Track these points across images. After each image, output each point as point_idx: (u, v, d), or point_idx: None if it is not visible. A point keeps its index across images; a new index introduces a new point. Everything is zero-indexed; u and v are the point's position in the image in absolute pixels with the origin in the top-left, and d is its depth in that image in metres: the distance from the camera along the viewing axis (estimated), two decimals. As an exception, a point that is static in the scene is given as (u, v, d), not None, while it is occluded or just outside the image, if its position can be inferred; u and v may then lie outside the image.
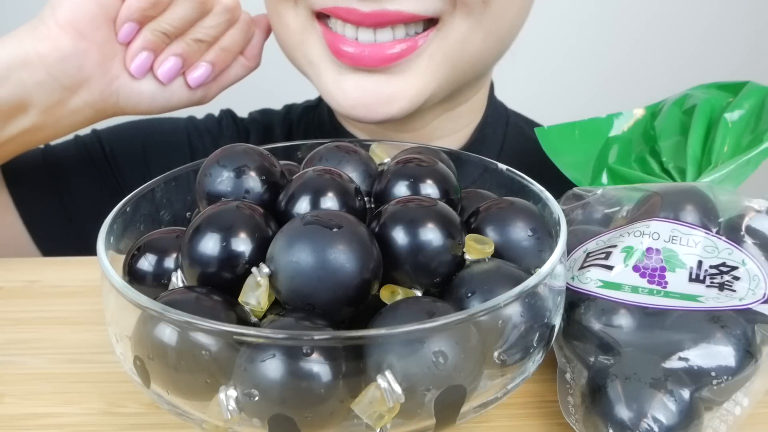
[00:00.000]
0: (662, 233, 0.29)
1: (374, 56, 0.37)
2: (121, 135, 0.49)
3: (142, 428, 0.27)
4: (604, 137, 0.38)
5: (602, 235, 0.30)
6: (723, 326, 0.26)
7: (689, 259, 0.28)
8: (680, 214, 0.29)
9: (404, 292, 0.24)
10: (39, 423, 0.27)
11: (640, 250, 0.29)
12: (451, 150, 0.34)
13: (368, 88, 0.38)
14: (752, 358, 0.25)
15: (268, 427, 0.21)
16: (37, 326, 0.34)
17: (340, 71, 0.39)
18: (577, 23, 1.13)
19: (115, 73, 0.37)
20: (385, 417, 0.20)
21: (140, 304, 0.21)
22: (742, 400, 0.26)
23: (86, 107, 0.37)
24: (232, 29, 0.40)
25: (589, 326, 0.27)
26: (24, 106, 0.35)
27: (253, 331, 0.20)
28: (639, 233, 0.29)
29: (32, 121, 0.36)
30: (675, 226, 0.29)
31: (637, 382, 0.25)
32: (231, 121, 0.54)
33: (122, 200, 0.28)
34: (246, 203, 0.26)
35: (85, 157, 0.48)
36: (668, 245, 0.29)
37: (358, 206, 0.27)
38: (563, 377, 0.28)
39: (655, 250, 0.29)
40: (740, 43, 1.15)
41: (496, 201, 0.28)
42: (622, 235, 0.30)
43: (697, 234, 0.29)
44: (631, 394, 0.24)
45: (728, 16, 1.14)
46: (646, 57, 1.15)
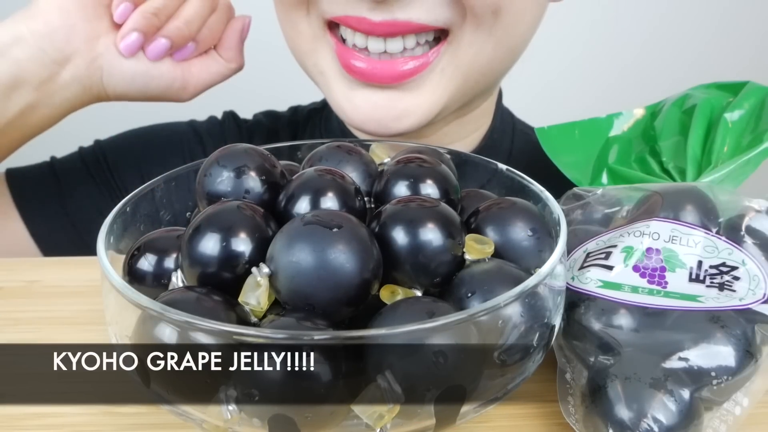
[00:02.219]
0: (662, 233, 0.29)
1: (386, 73, 0.38)
2: (121, 144, 0.52)
3: (142, 428, 0.27)
4: (604, 137, 0.38)
5: (602, 235, 0.30)
6: (723, 326, 0.26)
7: (689, 259, 0.28)
8: (680, 214, 0.29)
9: (404, 292, 0.24)
10: (39, 423, 0.27)
11: (640, 250, 0.29)
12: (451, 150, 0.34)
13: (379, 104, 0.39)
14: (752, 358, 0.25)
15: (268, 427, 0.21)
16: (37, 326, 0.34)
17: (350, 85, 0.40)
18: (581, 26, 1.13)
19: (99, 50, 0.40)
20: (385, 417, 0.20)
21: (140, 304, 0.21)
22: (742, 400, 0.26)
23: (74, 82, 0.40)
24: (214, 13, 0.42)
25: (589, 326, 0.27)
26: (19, 82, 0.38)
27: (253, 331, 0.20)
28: (639, 233, 0.29)
29: (27, 99, 0.39)
30: (675, 226, 0.29)
31: (637, 382, 0.25)
32: (233, 123, 0.54)
33: (122, 200, 0.28)
34: (246, 203, 0.26)
35: (87, 166, 0.50)
36: (668, 245, 0.29)
37: (358, 206, 0.27)
38: (563, 377, 0.28)
39: (655, 250, 0.29)
40: (746, 45, 1.15)
41: (496, 201, 0.28)
42: (622, 235, 0.30)
43: (697, 234, 0.29)
44: (631, 394, 0.24)
45: (733, 17, 1.14)
46: (651, 60, 1.15)
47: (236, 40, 0.44)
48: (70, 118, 0.44)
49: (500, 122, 0.50)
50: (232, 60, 0.44)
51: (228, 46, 0.44)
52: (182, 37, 0.41)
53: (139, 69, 0.41)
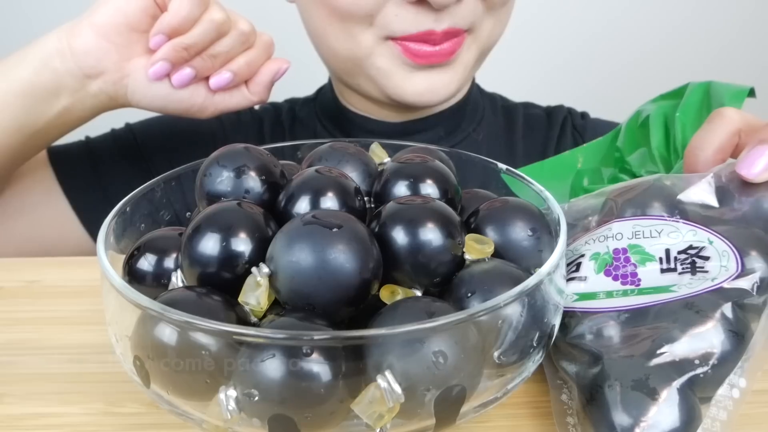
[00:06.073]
0: (624, 232, 0.29)
1: (441, 54, 0.49)
2: (150, 127, 0.59)
3: (142, 428, 0.27)
4: (573, 170, 0.39)
5: (569, 245, 0.31)
6: (698, 311, 0.25)
7: (656, 249, 0.28)
8: (639, 210, 0.30)
9: (404, 292, 0.24)
10: (39, 423, 0.27)
11: (608, 254, 0.29)
12: (451, 150, 0.34)
13: (431, 80, 0.50)
14: (737, 336, 0.25)
15: (268, 427, 0.21)
16: (37, 326, 0.34)
17: (410, 71, 0.50)
18: (579, 22, 1.13)
19: (127, 71, 0.45)
20: (385, 417, 0.20)
21: (140, 304, 0.21)
22: (738, 381, 0.25)
23: (101, 93, 0.46)
24: (252, 49, 0.47)
25: (573, 342, 0.27)
26: (59, 90, 0.45)
27: (253, 331, 0.20)
28: (603, 237, 0.29)
29: (64, 104, 0.45)
30: (635, 221, 0.29)
31: (621, 387, 0.24)
32: (248, 110, 0.61)
33: (122, 200, 0.29)
34: (246, 203, 0.26)
35: (120, 146, 0.57)
36: (633, 241, 0.29)
37: (358, 206, 0.27)
38: (559, 399, 0.27)
39: (622, 250, 0.29)
40: (746, 44, 1.15)
41: (496, 201, 0.28)
42: (587, 242, 0.30)
43: (657, 223, 0.29)
44: (620, 400, 0.24)
45: (734, 17, 1.14)
46: (651, 59, 1.15)
47: (268, 80, 0.48)
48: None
49: (474, 83, 0.62)
50: (256, 95, 0.48)
51: (258, 82, 0.48)
52: (208, 69, 0.45)
53: (161, 92, 0.45)
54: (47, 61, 0.44)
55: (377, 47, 0.49)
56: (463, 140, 0.58)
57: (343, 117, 0.58)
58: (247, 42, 0.47)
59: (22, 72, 0.44)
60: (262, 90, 0.48)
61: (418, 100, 0.51)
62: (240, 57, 0.46)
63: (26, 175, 0.53)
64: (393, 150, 0.34)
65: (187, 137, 0.58)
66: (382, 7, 0.47)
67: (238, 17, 0.47)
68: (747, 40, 1.14)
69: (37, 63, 0.44)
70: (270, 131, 0.60)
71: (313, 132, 0.60)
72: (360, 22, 0.48)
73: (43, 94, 0.45)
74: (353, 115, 0.58)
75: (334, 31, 0.50)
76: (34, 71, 0.44)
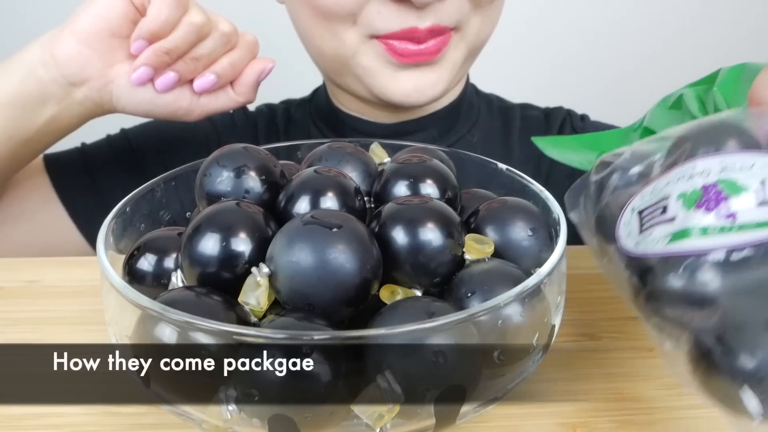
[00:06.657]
0: (712, 168, 0.26)
1: (426, 52, 0.48)
2: (145, 131, 0.59)
3: (142, 428, 0.27)
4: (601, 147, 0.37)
5: (644, 188, 0.28)
6: None
7: (750, 182, 0.25)
8: (720, 147, 0.27)
9: (404, 292, 0.24)
10: (39, 423, 0.27)
11: (696, 191, 0.26)
12: (451, 150, 0.34)
13: (418, 80, 0.50)
14: None
15: (268, 427, 0.21)
16: (37, 326, 0.34)
17: (395, 70, 0.49)
18: (581, 25, 1.13)
19: (111, 77, 0.45)
20: (385, 417, 0.20)
21: (140, 304, 0.21)
22: None
23: (87, 100, 0.46)
24: (236, 50, 0.46)
25: (674, 288, 0.25)
26: (44, 98, 0.45)
27: (252, 331, 0.20)
28: (688, 176, 0.27)
29: (51, 112, 0.45)
30: (722, 157, 0.27)
31: (753, 327, 0.22)
32: (242, 112, 0.61)
33: (122, 200, 0.29)
34: (246, 203, 0.26)
35: (115, 151, 0.57)
36: (722, 176, 0.26)
37: (358, 206, 0.27)
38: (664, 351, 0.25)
39: (712, 185, 0.26)
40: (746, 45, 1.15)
41: (496, 201, 0.28)
42: (669, 183, 0.27)
43: (748, 157, 0.26)
44: (751, 341, 0.22)
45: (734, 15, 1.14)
46: (651, 60, 1.15)
47: (253, 80, 0.48)
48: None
49: (469, 83, 0.61)
50: (242, 95, 0.48)
51: (243, 82, 0.47)
52: (191, 72, 0.45)
53: (146, 97, 0.45)
54: (32, 70, 0.44)
55: (362, 46, 0.49)
56: (458, 142, 0.57)
57: (335, 118, 0.58)
58: (229, 43, 0.46)
59: (8, 82, 0.45)
60: (247, 90, 0.48)
61: (405, 99, 0.50)
62: (223, 58, 0.46)
63: (23, 183, 0.53)
64: (393, 150, 0.34)
65: (182, 141, 0.58)
66: (364, 6, 0.47)
67: (219, 18, 0.46)
68: (752, 44, 1.14)
69: (22, 73, 0.44)
70: (264, 133, 0.60)
71: (306, 133, 0.60)
72: (343, 21, 0.48)
73: (30, 103, 0.45)
74: (345, 116, 0.58)
75: (319, 31, 0.49)
76: (19, 81, 0.44)
